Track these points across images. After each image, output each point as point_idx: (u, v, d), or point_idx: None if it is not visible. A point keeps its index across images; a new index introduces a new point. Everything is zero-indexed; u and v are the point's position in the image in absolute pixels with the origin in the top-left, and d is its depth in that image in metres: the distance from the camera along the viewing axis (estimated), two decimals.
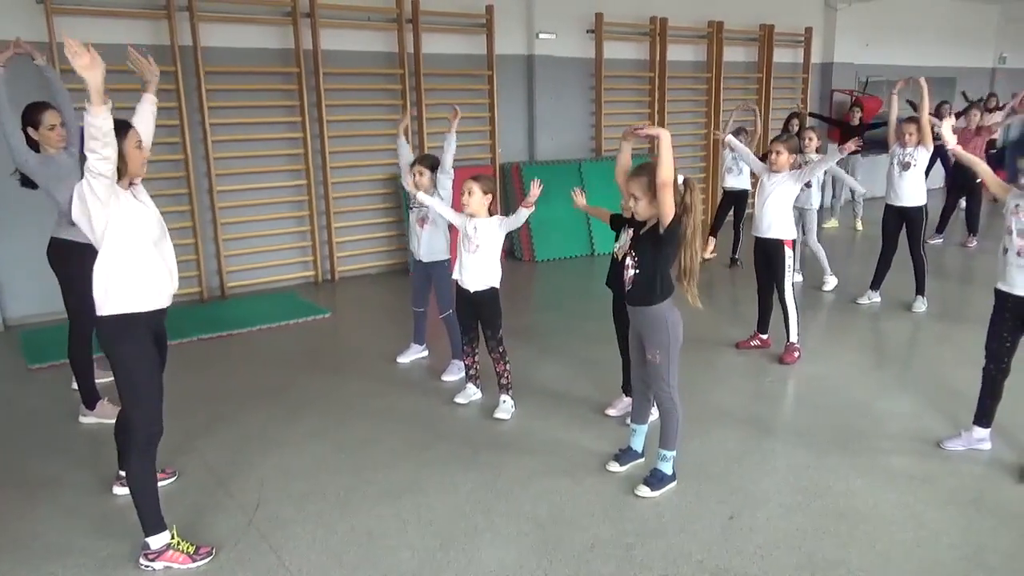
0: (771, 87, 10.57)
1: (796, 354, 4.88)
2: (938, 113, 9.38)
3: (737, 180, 7.61)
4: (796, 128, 8.32)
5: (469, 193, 4.03)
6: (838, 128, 9.96)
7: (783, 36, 10.54)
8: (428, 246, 4.67)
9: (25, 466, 3.69)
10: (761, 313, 5.11)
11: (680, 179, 3.09)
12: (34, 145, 3.94)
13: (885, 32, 11.61)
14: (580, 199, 3.98)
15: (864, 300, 6.24)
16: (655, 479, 3.32)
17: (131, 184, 2.81)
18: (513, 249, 8.48)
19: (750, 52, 10.48)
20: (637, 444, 3.57)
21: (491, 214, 4.12)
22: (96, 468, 3.64)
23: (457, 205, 4.22)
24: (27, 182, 3.99)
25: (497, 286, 4.12)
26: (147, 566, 2.85)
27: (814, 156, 6.56)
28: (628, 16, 9.07)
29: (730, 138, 5.56)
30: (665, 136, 2.95)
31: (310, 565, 2.86)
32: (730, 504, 3.22)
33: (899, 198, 5.86)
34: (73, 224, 2.76)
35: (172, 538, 2.88)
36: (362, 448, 3.82)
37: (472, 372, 4.37)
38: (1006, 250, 3.44)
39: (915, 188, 5.80)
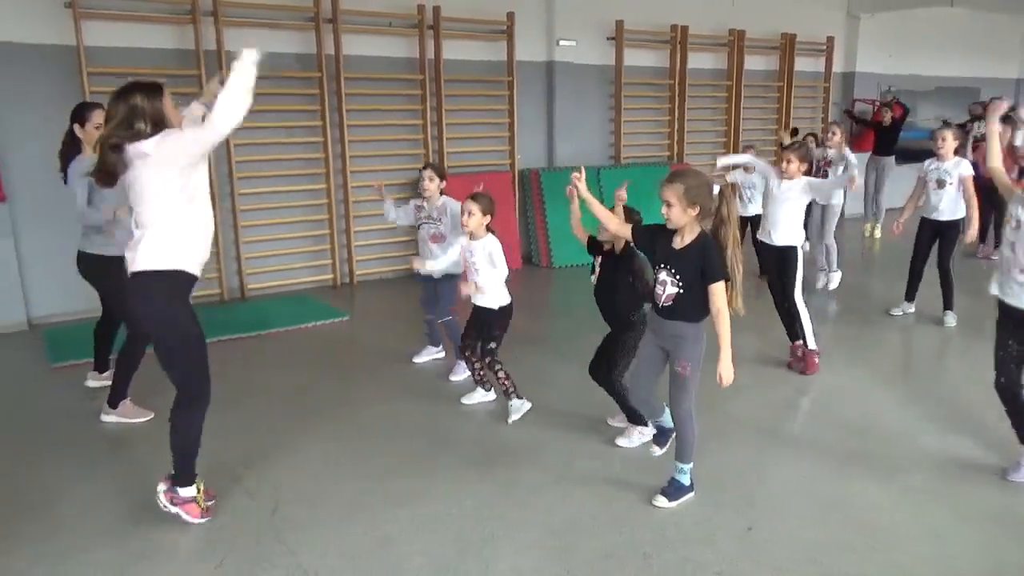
0: (792, 96, 10.53)
1: (816, 361, 4.81)
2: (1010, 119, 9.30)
3: (749, 208, 7.53)
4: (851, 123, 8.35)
5: (469, 214, 4.02)
6: (871, 129, 9.88)
7: (804, 45, 10.50)
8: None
9: (48, 462, 3.74)
10: (785, 319, 4.99)
11: (716, 189, 3.06)
12: (77, 143, 4.02)
13: (908, 42, 11.53)
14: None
15: (898, 311, 6.14)
16: (673, 489, 3.30)
17: None
18: (531, 255, 8.50)
19: (771, 61, 10.44)
20: (668, 422, 3.50)
21: (489, 231, 4.11)
22: (119, 464, 3.69)
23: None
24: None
25: (499, 305, 4.11)
26: (165, 505, 3.09)
27: (831, 152, 6.51)
28: (649, 24, 9.07)
29: (747, 158, 5.63)
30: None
31: (327, 568, 2.87)
32: (748, 515, 3.20)
33: (937, 212, 5.76)
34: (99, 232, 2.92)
35: (198, 492, 3.12)
36: (378, 451, 3.84)
37: (478, 376, 4.38)
38: (1008, 261, 3.37)
39: (952, 203, 5.69)
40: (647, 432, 3.80)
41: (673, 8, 9.24)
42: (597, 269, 3.78)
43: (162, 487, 3.12)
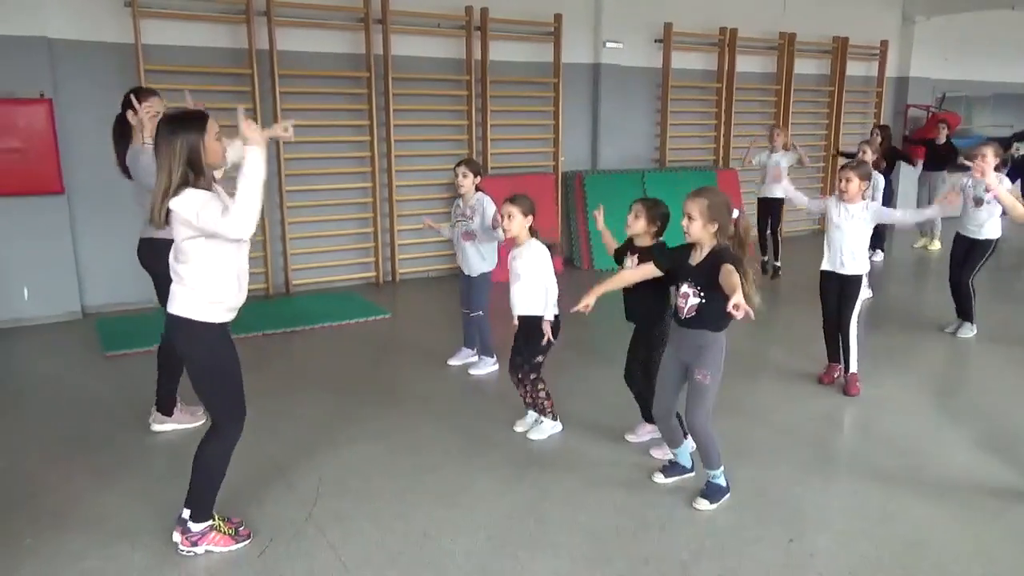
0: (843, 101, 10.32)
1: (858, 384, 4.66)
2: None
3: (775, 191, 7.46)
4: (880, 139, 8.00)
5: (509, 217, 3.83)
6: (922, 146, 9.60)
7: (857, 49, 10.29)
8: (473, 260, 4.77)
9: (98, 451, 3.86)
10: (833, 343, 4.81)
11: (735, 214, 3.15)
12: (128, 128, 3.89)
13: (965, 46, 11.21)
14: (600, 220, 4.03)
15: (949, 329, 5.92)
16: (711, 491, 3.29)
17: (214, 180, 2.82)
18: (572, 257, 8.48)
19: (822, 65, 10.25)
20: (684, 460, 3.52)
21: (532, 235, 3.90)
22: (166, 455, 3.78)
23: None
24: (125, 172, 3.96)
25: (538, 313, 3.83)
26: (188, 551, 2.89)
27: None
28: (697, 26, 8.98)
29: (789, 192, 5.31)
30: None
31: (366, 562, 2.90)
32: (790, 527, 3.15)
33: (968, 230, 5.65)
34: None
35: (214, 520, 2.92)
36: (419, 449, 3.87)
37: (528, 400, 4.06)
38: None
39: (986, 221, 5.56)
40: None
41: (722, 10, 9.14)
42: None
43: (176, 536, 2.93)
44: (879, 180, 6.54)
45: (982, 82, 11.63)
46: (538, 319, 3.83)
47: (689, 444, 3.48)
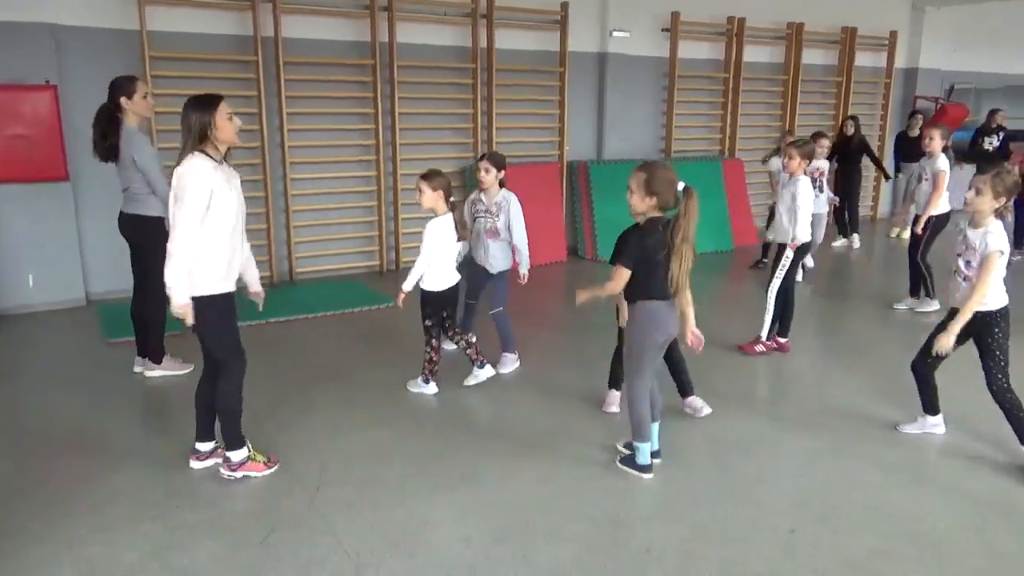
0: (851, 92, 10.25)
1: (755, 348, 5.09)
2: None
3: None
4: (851, 130, 8.72)
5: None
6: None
7: (866, 39, 10.21)
8: (496, 258, 4.70)
9: (103, 435, 3.87)
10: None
11: (680, 186, 3.17)
12: (119, 114, 4.25)
13: (975, 37, 11.10)
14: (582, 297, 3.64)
15: (900, 305, 6.32)
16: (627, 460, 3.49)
17: (225, 157, 3.18)
18: (576, 247, 8.46)
19: (829, 55, 10.18)
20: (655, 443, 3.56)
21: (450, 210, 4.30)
22: (171, 438, 3.79)
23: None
24: (109, 156, 4.31)
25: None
26: (229, 475, 3.34)
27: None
28: (705, 15, 8.92)
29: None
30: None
31: (367, 549, 2.91)
32: (792, 518, 3.14)
33: (920, 208, 6.09)
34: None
35: (249, 451, 3.38)
36: (420, 437, 3.87)
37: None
38: None
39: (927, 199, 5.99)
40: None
41: (730, 0, 9.07)
42: None
43: (217, 463, 3.44)
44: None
45: (992, 74, 11.53)
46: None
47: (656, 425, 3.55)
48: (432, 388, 4.40)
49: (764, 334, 5.10)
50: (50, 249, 6.04)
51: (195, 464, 3.48)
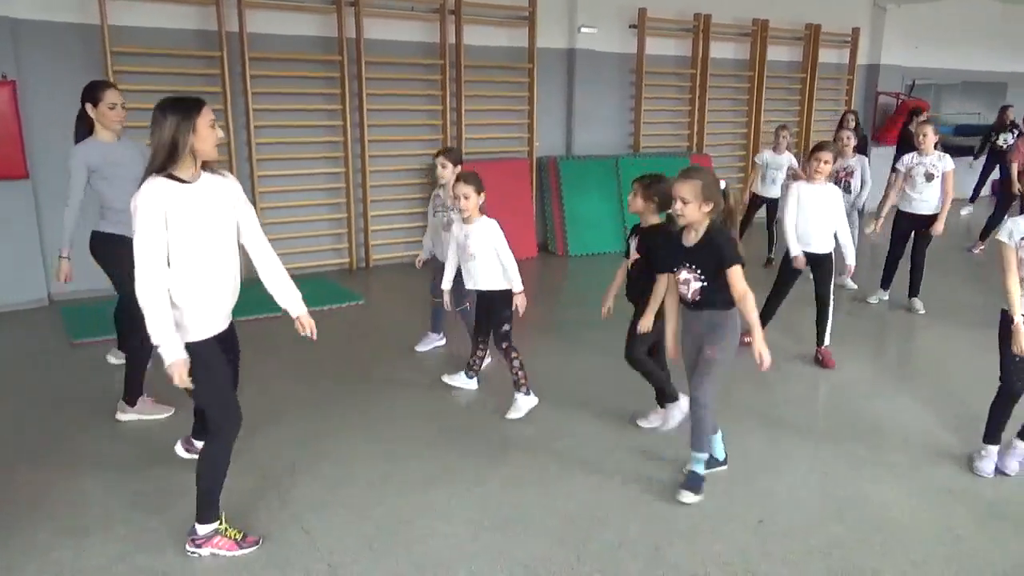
0: (815, 88, 10.41)
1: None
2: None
3: (771, 189, 7.49)
4: (852, 123, 8.01)
5: (465, 197, 3.90)
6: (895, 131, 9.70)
7: (829, 36, 10.37)
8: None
9: (67, 440, 3.79)
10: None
11: (722, 184, 3.14)
12: (88, 124, 3.87)
13: (935, 34, 11.34)
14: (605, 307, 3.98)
15: (874, 299, 6.33)
16: (693, 482, 3.26)
17: (202, 168, 2.76)
18: (547, 243, 8.49)
19: (794, 52, 10.32)
20: (717, 452, 3.47)
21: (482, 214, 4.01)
22: (136, 445, 3.73)
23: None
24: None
25: (501, 288, 4.00)
26: (193, 552, 2.82)
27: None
28: (671, 12, 8.99)
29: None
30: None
31: (342, 548, 2.90)
32: (760, 508, 3.20)
33: (917, 207, 5.89)
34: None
35: (220, 524, 2.86)
36: (393, 436, 3.86)
37: (475, 363, 4.34)
38: None
39: (934, 197, 5.85)
40: (677, 407, 3.81)
41: None
42: (633, 251, 3.76)
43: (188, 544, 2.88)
44: (864, 162, 6.69)
45: (951, 70, 11.79)
46: (498, 293, 3.99)
47: (719, 435, 3.47)
48: (534, 398, 4.15)
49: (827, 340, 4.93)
50: (10, 248, 5.90)
51: (181, 451, 3.46)
